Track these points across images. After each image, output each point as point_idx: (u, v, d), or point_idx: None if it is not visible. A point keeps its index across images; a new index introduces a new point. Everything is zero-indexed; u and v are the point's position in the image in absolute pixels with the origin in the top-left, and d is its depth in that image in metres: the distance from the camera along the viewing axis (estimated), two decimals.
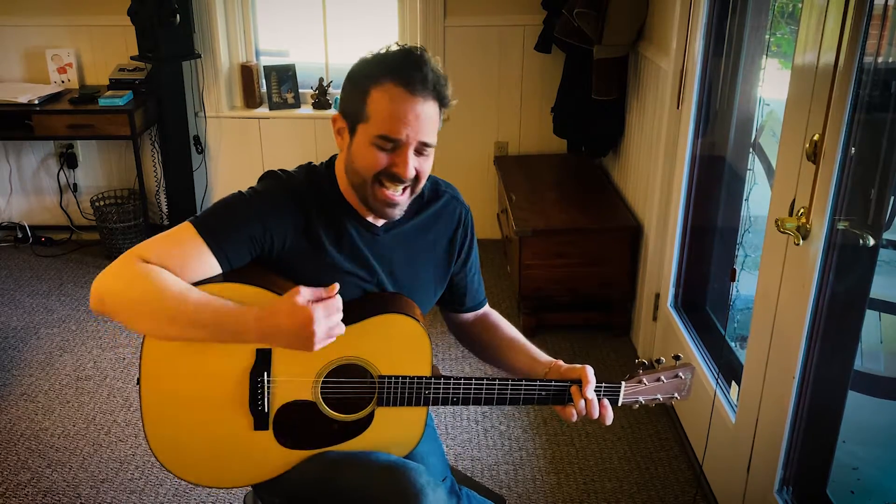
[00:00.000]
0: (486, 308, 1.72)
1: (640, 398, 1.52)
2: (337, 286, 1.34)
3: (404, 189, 1.40)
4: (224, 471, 1.47)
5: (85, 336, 3.25)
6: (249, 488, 1.59)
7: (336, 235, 1.44)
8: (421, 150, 1.36)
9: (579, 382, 1.45)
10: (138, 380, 1.42)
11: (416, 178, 1.39)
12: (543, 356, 1.56)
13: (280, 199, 1.41)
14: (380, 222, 1.49)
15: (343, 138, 1.41)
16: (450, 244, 1.58)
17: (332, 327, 1.32)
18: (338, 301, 1.33)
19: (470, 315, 1.70)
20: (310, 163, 1.52)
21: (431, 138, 1.36)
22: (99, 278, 1.33)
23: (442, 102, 1.36)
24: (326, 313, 1.31)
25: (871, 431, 2.13)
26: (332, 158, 1.50)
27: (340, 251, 1.45)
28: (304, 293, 1.31)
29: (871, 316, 2.18)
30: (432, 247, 1.56)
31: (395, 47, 1.37)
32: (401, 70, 1.32)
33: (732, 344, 2.52)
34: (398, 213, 1.43)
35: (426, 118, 1.34)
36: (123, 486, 2.41)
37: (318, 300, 1.31)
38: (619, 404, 1.50)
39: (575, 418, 1.45)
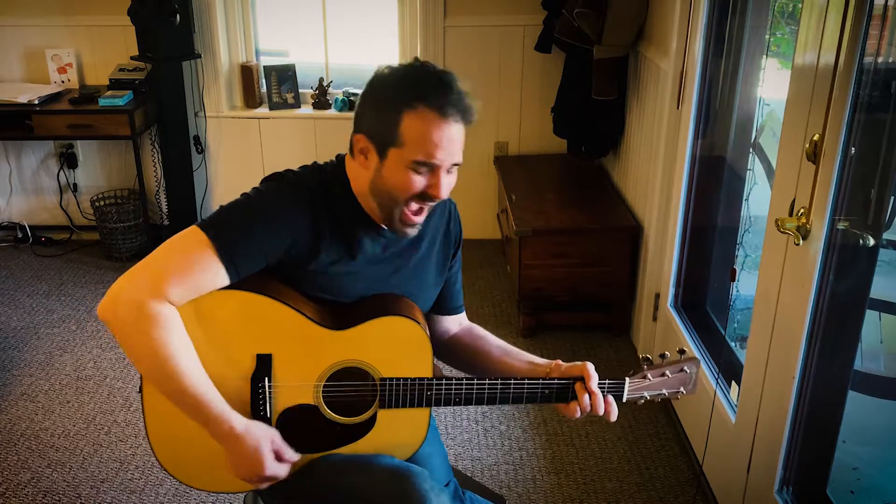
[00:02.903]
0: (468, 321, 1.71)
1: (645, 393, 1.50)
2: (298, 457, 1.43)
3: (423, 209, 1.41)
4: (228, 476, 1.47)
5: (85, 336, 3.25)
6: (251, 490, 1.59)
7: (344, 238, 1.43)
8: (451, 169, 1.38)
9: (581, 379, 1.45)
10: (140, 388, 1.42)
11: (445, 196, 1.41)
12: (541, 359, 1.55)
13: (289, 203, 1.39)
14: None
15: (368, 159, 1.39)
16: (445, 237, 1.59)
17: (263, 483, 1.42)
18: (285, 471, 1.42)
19: (452, 324, 1.68)
20: (315, 163, 1.50)
21: (461, 158, 1.39)
22: (114, 296, 1.31)
23: (468, 123, 1.38)
24: (271, 475, 1.39)
25: (871, 431, 2.13)
26: (340, 158, 1.48)
27: (347, 255, 1.44)
28: (276, 442, 1.40)
29: (871, 316, 2.17)
30: (432, 244, 1.57)
31: (417, 65, 1.37)
32: (434, 94, 1.32)
33: (732, 344, 2.52)
34: (416, 231, 1.44)
35: (458, 140, 1.36)
36: (123, 486, 2.41)
37: (279, 456, 1.40)
38: (624, 400, 1.50)
39: (578, 415, 1.44)
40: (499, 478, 2.47)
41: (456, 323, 1.69)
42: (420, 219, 1.42)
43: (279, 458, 1.39)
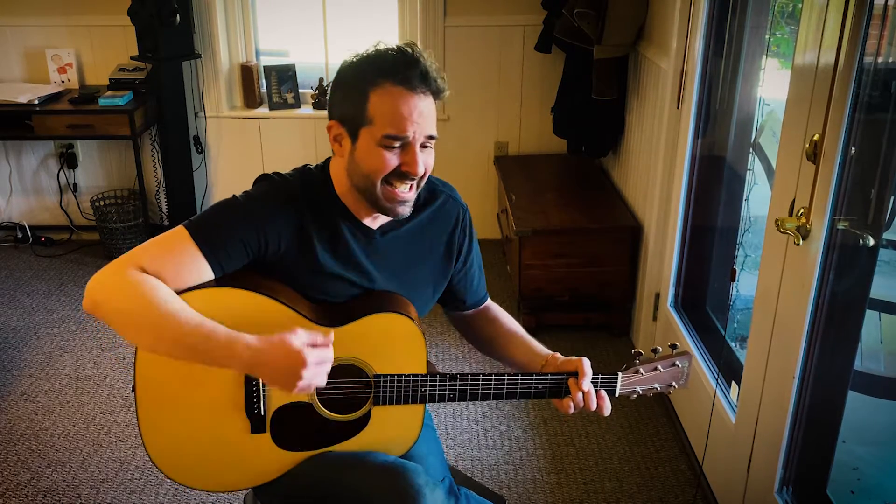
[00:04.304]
0: (489, 302, 1.73)
1: (638, 388, 1.52)
2: (332, 335, 1.31)
3: (412, 185, 1.40)
4: (223, 475, 1.47)
5: (85, 336, 3.25)
6: (249, 489, 1.59)
7: (330, 239, 1.44)
8: (426, 143, 1.38)
9: (576, 374, 1.45)
10: (133, 387, 1.41)
11: (423, 172, 1.39)
12: (542, 349, 1.57)
13: (274, 204, 1.40)
14: (376, 225, 1.48)
15: (342, 145, 1.40)
16: (448, 245, 1.58)
17: (317, 376, 1.28)
18: (330, 352, 1.30)
19: (471, 311, 1.70)
20: (305, 165, 1.50)
21: (434, 130, 1.38)
22: (93, 281, 1.33)
23: (438, 95, 1.38)
24: (318, 361, 1.27)
25: (871, 431, 2.13)
26: (327, 161, 1.49)
27: (335, 255, 1.44)
28: (301, 335, 1.28)
29: (871, 316, 2.17)
30: (430, 248, 1.56)
31: (382, 47, 1.37)
32: (397, 69, 1.32)
33: (732, 344, 2.52)
34: (408, 209, 1.43)
35: (428, 112, 1.36)
36: (123, 486, 2.41)
37: (313, 345, 1.28)
38: (617, 395, 1.51)
39: (572, 410, 1.45)
40: (499, 478, 2.47)
41: (474, 310, 1.71)
42: (409, 195, 1.40)
43: (314, 345, 1.29)
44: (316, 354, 1.27)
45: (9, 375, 2.97)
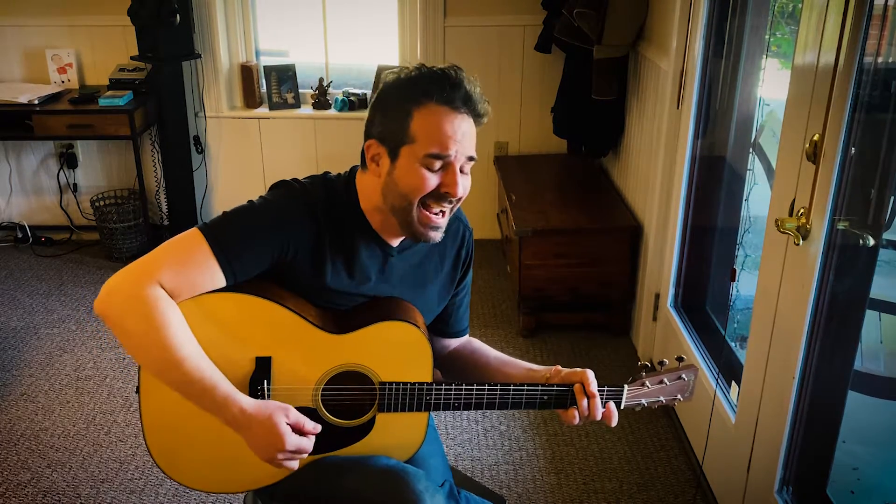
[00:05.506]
0: (470, 337, 1.71)
1: (643, 400, 1.51)
2: (319, 427, 1.36)
3: (445, 211, 1.39)
4: (225, 476, 1.47)
5: (85, 336, 3.25)
6: (250, 490, 1.59)
7: (345, 255, 1.43)
8: (464, 166, 1.37)
9: (581, 385, 1.45)
10: (137, 388, 1.41)
11: (461, 196, 1.38)
12: (540, 366, 1.55)
13: (293, 213, 1.38)
14: (395, 243, 1.47)
15: (380, 164, 1.38)
16: (454, 264, 1.58)
17: (287, 461, 1.34)
18: (311, 443, 1.35)
19: (453, 342, 1.68)
20: (326, 173, 1.48)
21: (475, 152, 1.38)
22: (111, 287, 1.31)
23: (479, 121, 1.39)
24: (294, 449, 1.33)
25: (871, 431, 2.13)
26: (352, 171, 1.47)
27: (347, 273, 1.43)
28: (291, 415, 1.33)
29: (871, 316, 2.17)
30: (439, 267, 1.56)
31: (423, 67, 1.37)
32: (441, 90, 1.33)
33: (732, 344, 2.52)
34: (440, 236, 1.41)
35: (470, 134, 1.36)
36: (123, 486, 2.41)
37: (299, 428, 1.33)
38: (622, 407, 1.50)
39: (577, 420, 1.44)
40: (499, 478, 2.47)
41: (457, 341, 1.69)
42: (442, 220, 1.39)
43: (299, 431, 1.34)
44: (294, 441, 1.32)
45: (9, 375, 2.97)
